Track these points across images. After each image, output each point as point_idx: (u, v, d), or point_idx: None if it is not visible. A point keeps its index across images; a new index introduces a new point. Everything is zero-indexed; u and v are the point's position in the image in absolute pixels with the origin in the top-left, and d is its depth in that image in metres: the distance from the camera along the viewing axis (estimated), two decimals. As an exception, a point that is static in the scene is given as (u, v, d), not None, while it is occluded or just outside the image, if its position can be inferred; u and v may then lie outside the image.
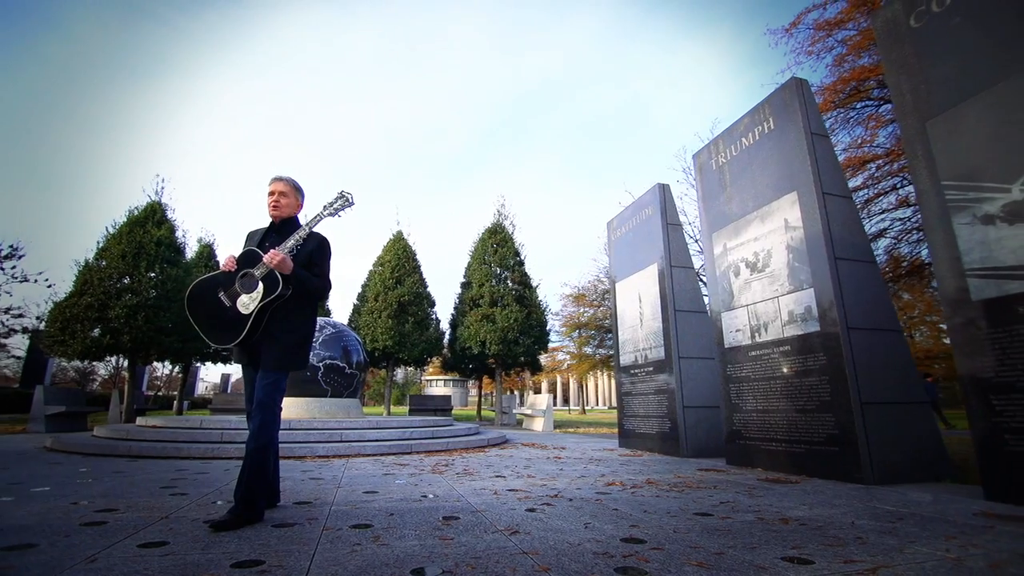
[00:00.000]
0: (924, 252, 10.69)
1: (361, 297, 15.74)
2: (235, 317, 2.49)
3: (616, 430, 12.70)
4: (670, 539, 2.00)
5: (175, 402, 15.06)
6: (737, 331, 4.97)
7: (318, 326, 7.91)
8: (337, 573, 1.57)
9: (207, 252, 14.43)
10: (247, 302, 2.48)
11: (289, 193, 2.74)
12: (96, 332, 10.22)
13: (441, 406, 16.71)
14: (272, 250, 2.44)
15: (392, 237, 16.31)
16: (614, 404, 65.07)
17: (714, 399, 6.03)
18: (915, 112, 3.39)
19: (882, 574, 1.58)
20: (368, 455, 5.28)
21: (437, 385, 58.91)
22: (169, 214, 11.94)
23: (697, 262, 12.90)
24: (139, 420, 6.53)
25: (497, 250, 15.13)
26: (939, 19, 3.27)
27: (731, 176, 5.24)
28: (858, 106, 10.81)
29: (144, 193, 12.29)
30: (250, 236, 2.83)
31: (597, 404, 66.19)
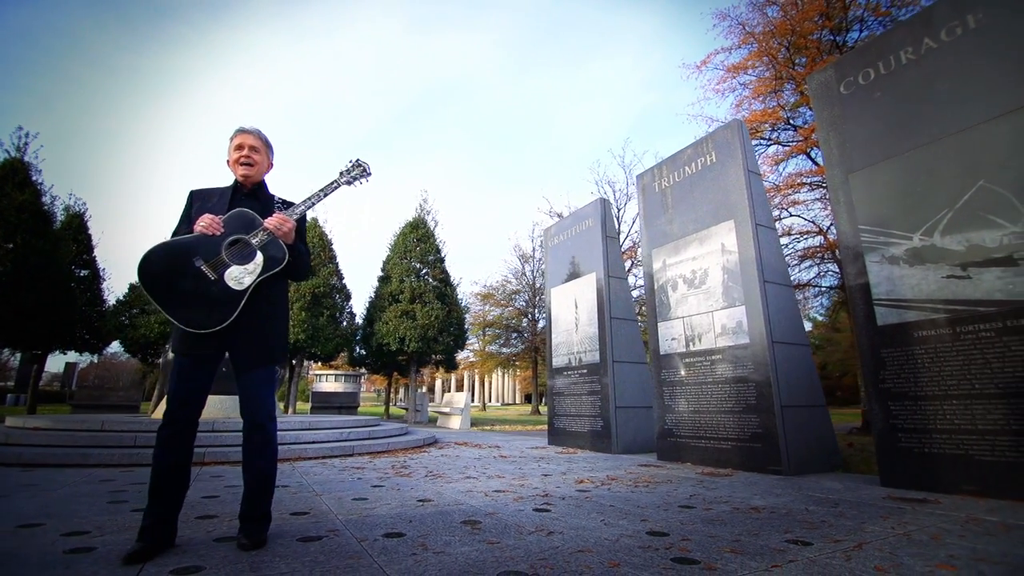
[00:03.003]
0: (793, 278, 12.51)
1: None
2: (223, 293, 2.04)
3: (530, 427, 13.20)
4: (686, 531, 2.26)
5: (26, 396, 12.70)
6: (673, 340, 5.52)
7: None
8: (425, 582, 1.59)
9: (77, 222, 12.27)
10: (239, 275, 2.07)
11: (261, 149, 2.28)
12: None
13: (346, 403, 16.08)
14: (278, 215, 2.12)
15: (307, 223, 15.20)
16: (508, 400, 66.88)
17: (642, 400, 6.61)
18: (840, 164, 4.08)
19: (867, 549, 1.97)
20: (311, 458, 5.01)
21: (328, 380, 55.80)
22: (34, 176, 10.00)
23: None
24: (10, 420, 5.53)
25: (418, 245, 14.85)
26: (864, 91, 3.97)
27: (673, 199, 5.78)
28: (753, 143, 12.31)
29: (1, 148, 10.13)
30: (202, 195, 2.26)
31: (491, 400, 67.38)
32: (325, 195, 2.30)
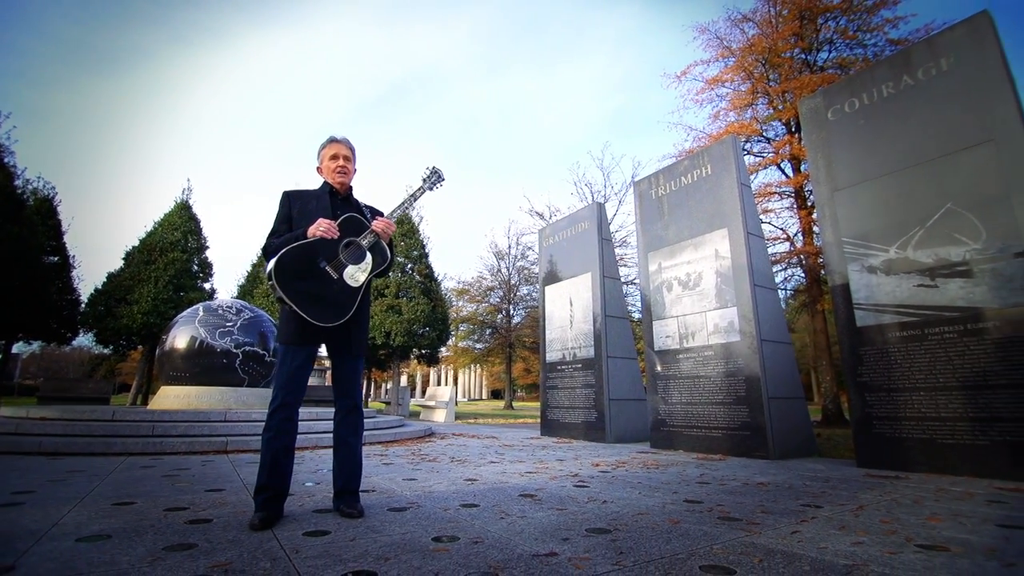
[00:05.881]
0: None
1: (251, 278, 14.22)
2: (343, 291, 2.27)
3: (511, 421, 13.57)
4: (715, 499, 2.65)
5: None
6: (667, 337, 5.96)
7: (235, 309, 7.31)
8: (530, 536, 1.89)
9: (47, 207, 11.72)
10: (354, 274, 2.31)
11: (352, 159, 2.53)
12: None
13: (326, 396, 15.96)
14: (384, 220, 2.38)
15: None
16: (475, 396, 67.22)
17: (633, 393, 7.05)
18: (827, 183, 4.58)
19: (868, 510, 2.40)
20: (327, 447, 5.19)
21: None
22: (6, 158, 9.55)
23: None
24: (8, 411, 5.45)
25: (403, 240, 14.94)
26: (849, 118, 4.47)
27: (669, 207, 6.21)
28: (728, 152, 12.93)
29: (-31, 129, 9.61)
30: (300, 197, 2.45)
31: (459, 396, 67.50)
32: (414, 200, 2.56)
